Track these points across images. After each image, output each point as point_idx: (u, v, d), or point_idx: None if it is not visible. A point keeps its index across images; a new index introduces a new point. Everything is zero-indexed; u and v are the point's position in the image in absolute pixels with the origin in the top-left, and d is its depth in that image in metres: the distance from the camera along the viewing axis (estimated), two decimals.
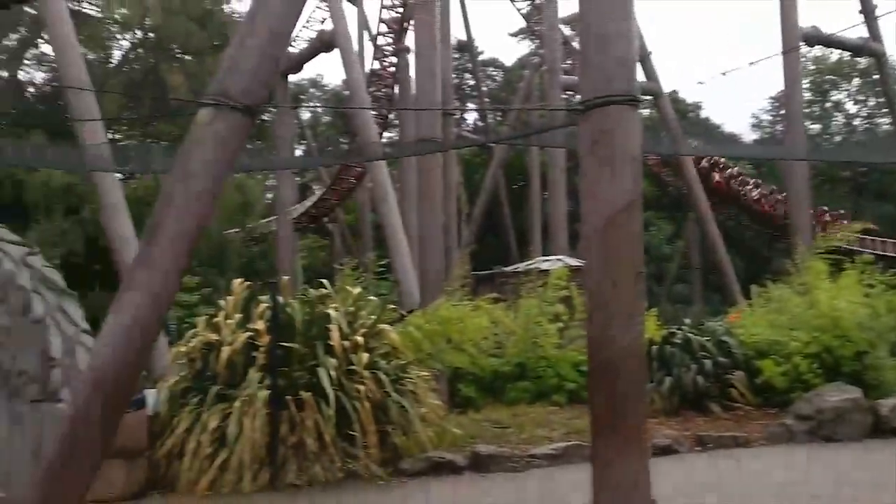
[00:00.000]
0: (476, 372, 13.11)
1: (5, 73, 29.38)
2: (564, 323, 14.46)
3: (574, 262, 19.20)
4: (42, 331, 9.43)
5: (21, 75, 30.10)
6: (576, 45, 35.15)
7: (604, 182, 5.61)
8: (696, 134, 44.01)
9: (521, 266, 20.79)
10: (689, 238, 40.91)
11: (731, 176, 38.94)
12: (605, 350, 5.45)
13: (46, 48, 27.51)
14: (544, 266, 18.58)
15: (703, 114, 55.18)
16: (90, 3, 29.67)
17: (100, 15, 29.05)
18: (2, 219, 11.73)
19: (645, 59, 33.03)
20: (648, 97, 33.50)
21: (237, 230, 28.23)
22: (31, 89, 30.18)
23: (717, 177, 37.75)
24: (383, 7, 32.02)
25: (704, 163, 36.68)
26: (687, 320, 16.06)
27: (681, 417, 11.83)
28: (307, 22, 34.46)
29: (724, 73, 30.02)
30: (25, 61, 29.99)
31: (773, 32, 27.61)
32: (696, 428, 11.03)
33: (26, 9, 22.93)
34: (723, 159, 37.36)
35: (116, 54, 31.46)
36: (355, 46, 29.14)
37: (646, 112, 36.06)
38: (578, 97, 6.54)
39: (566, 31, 36.31)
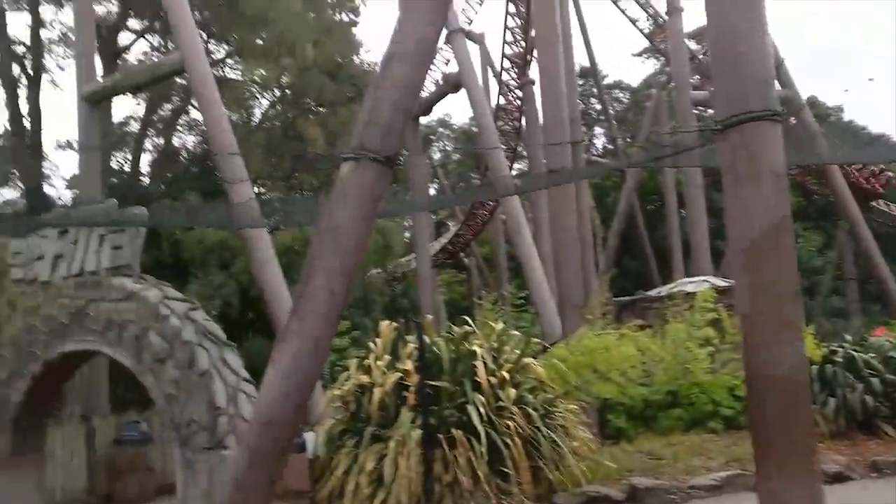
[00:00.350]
0: (625, 402, 12.86)
1: (161, 141, 31.73)
2: (715, 347, 13.98)
3: (720, 282, 18.56)
4: (208, 382, 10.05)
5: (175, 141, 32.42)
6: (704, 58, 34.24)
7: (748, 200, 5.46)
8: (841, 138, 41.65)
9: (665, 290, 20.26)
10: (841, 247, 38.61)
11: (872, 174, 36.62)
12: (763, 372, 5.27)
13: (196, 114, 29.54)
14: (689, 288, 18.05)
15: (846, 116, 52.28)
16: (231, 68, 31.67)
17: (240, 78, 30.92)
18: (164, 277, 12.62)
19: (779, 66, 31.73)
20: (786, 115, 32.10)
21: (379, 271, 29.02)
22: (184, 153, 32.39)
23: (855, 174, 35.60)
24: (505, 43, 32.40)
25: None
26: (848, 336, 15.16)
27: (849, 441, 11.16)
28: (432, 65, 35.33)
29: (871, 80, 28.33)
30: (178, 128, 32.29)
31: None
32: (868, 452, 10.38)
33: (178, 79, 24.70)
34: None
35: (256, 112, 33.31)
36: (480, 83, 29.58)
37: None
38: (711, 111, 6.38)
39: (692, 45, 35.44)
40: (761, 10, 5.75)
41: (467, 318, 11.38)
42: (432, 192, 43.76)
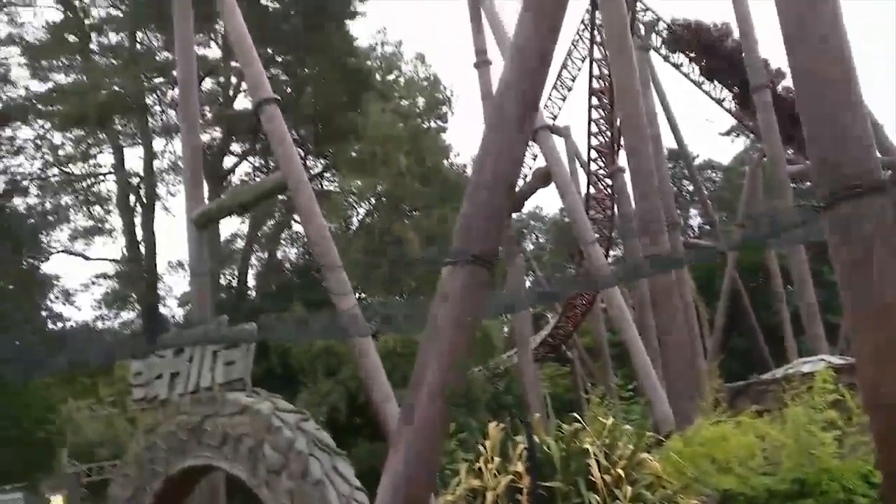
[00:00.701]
0: (748, 492, 12.19)
1: (266, 255, 33.12)
2: (841, 430, 13.19)
3: (837, 360, 17.69)
4: (322, 491, 10.15)
5: (279, 254, 33.80)
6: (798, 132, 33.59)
7: (863, 272, 5.31)
8: None
9: (779, 372, 19.39)
10: None
11: None
12: None
13: (298, 227, 30.81)
14: (805, 369, 17.22)
15: None
16: (328, 180, 33.08)
17: (337, 189, 32.24)
18: (274, 387, 12.98)
19: (876, 130, 30.85)
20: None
21: (480, 368, 28.94)
22: (288, 265, 33.65)
23: None
24: (591, 134, 32.72)
25: None
26: None
27: None
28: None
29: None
30: (281, 241, 33.71)
31: None
32: None
33: (280, 196, 25.89)
34: None
35: (354, 220, 34.48)
36: (569, 175, 29.81)
37: None
38: (808, 184, 6.29)
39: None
40: (852, 69, 5.70)
41: (575, 413, 11.16)
42: (527, 284, 43.67)
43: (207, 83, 33.76)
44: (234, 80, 33.81)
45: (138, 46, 32.83)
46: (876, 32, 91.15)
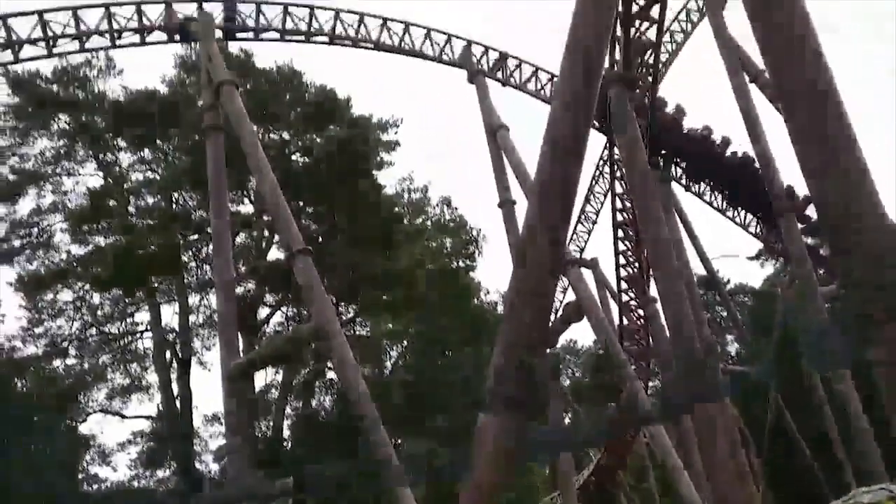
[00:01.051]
0: None
1: (300, 404, 32.95)
2: None
3: None
4: None
5: (313, 403, 33.61)
6: (824, 252, 33.57)
7: None
8: None
9: (838, 503, 18.47)
10: None
11: None
12: None
13: (332, 374, 30.77)
14: (866, 499, 16.41)
15: None
16: (361, 325, 33.28)
17: (369, 334, 32.40)
18: None
19: None
20: None
21: None
22: (323, 414, 33.38)
23: None
24: (619, 266, 32.87)
25: None
26: None
27: None
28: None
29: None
30: (316, 389, 33.60)
31: None
32: None
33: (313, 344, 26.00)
34: None
35: (388, 362, 34.40)
36: (600, 308, 29.71)
37: None
38: (841, 304, 6.25)
39: (808, 241, 34.92)
40: (880, 203, 5.75)
41: None
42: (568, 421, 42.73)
43: (241, 237, 34.77)
44: (266, 232, 34.80)
45: (174, 206, 34.11)
46: None
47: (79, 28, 21.80)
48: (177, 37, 23.31)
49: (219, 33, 23.60)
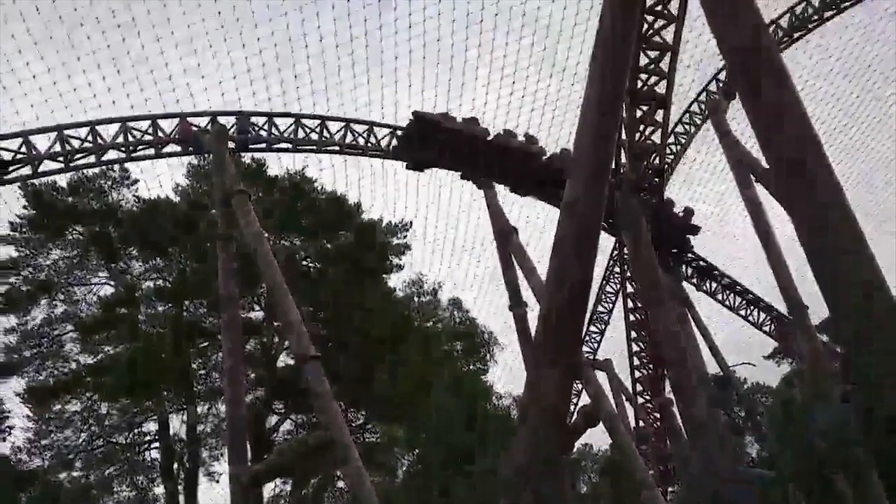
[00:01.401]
0: None
1: None
2: None
3: None
4: None
5: None
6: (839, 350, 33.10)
7: None
8: None
9: None
10: None
11: None
12: None
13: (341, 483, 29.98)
14: None
15: None
16: (371, 432, 32.62)
17: (379, 440, 31.79)
18: None
19: None
20: None
21: None
22: None
23: None
24: (634, 368, 32.57)
25: None
26: None
27: None
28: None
29: None
30: (325, 500, 32.67)
31: None
32: None
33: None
34: None
35: (398, 470, 33.56)
36: (615, 409, 29.20)
37: None
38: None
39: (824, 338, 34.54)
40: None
41: None
42: None
43: (251, 343, 34.64)
44: (276, 339, 34.68)
45: (184, 313, 34.16)
46: None
47: (96, 142, 22.37)
48: (190, 148, 23.87)
49: (231, 144, 24.18)
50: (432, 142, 24.08)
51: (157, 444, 33.65)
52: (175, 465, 32.57)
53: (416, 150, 24.52)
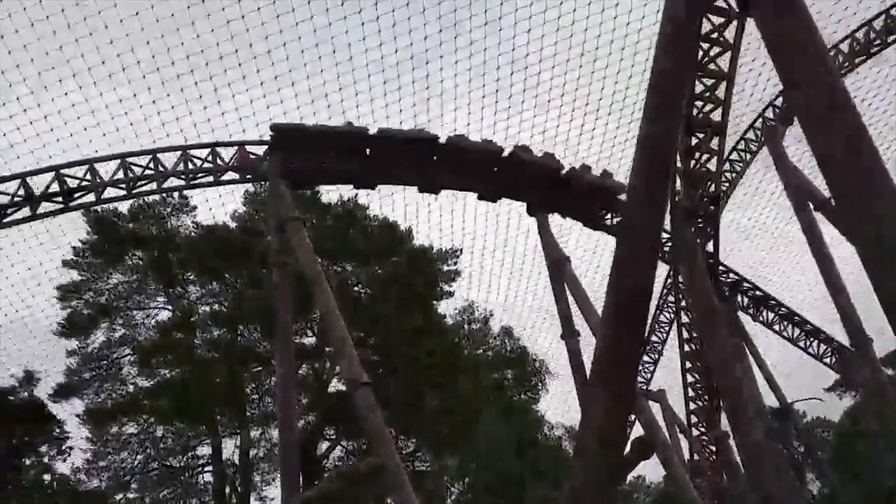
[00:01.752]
0: None
1: None
2: None
3: None
4: None
5: None
6: None
7: None
8: None
9: None
10: None
11: None
12: None
13: None
14: None
15: None
16: (422, 460, 32.50)
17: (431, 469, 31.60)
18: None
19: None
20: None
21: None
22: None
23: None
24: (688, 399, 31.94)
25: None
26: None
27: None
28: None
29: None
30: None
31: None
32: None
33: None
34: None
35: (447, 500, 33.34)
36: (669, 441, 28.61)
37: None
38: None
39: (889, 372, 33.44)
40: None
41: None
42: None
43: (303, 368, 34.90)
44: (327, 364, 34.89)
45: (239, 338, 34.62)
46: None
47: (157, 170, 22.93)
48: (248, 176, 24.29)
49: None
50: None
51: (210, 468, 34.03)
52: (227, 489, 32.86)
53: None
